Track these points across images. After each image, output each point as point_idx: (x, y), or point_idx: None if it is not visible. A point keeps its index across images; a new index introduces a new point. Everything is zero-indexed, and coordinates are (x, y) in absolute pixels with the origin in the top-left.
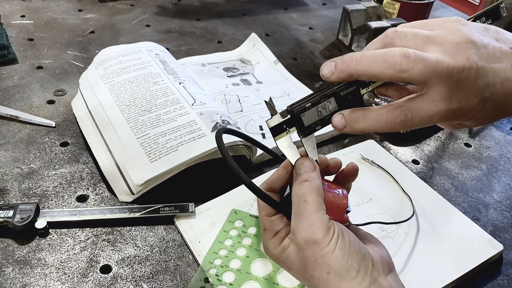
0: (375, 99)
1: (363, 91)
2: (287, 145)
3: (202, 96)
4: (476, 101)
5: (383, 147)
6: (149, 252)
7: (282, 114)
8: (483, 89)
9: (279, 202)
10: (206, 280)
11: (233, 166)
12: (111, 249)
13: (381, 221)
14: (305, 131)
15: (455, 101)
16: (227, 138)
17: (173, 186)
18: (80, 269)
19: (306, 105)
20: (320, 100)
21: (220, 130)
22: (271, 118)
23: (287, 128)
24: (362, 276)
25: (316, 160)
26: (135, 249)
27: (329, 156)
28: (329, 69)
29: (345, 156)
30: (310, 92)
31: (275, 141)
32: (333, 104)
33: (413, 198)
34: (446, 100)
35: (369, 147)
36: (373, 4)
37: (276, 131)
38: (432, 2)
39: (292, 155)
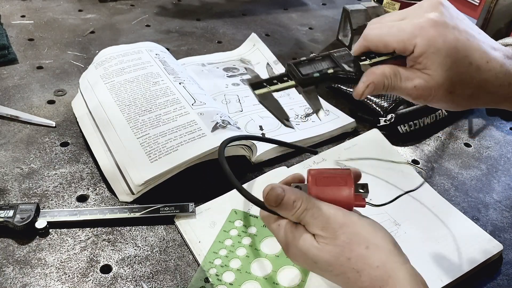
0: None
1: (363, 62)
2: (268, 98)
3: (202, 96)
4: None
5: (383, 146)
6: (149, 252)
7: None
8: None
9: None
10: (206, 280)
11: (239, 187)
12: (111, 249)
13: (395, 197)
14: (303, 82)
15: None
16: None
17: (173, 186)
18: (80, 269)
19: (302, 59)
20: (316, 58)
21: (224, 142)
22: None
23: (267, 85)
24: (398, 250)
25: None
26: (135, 249)
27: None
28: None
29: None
30: None
31: (254, 93)
32: (329, 63)
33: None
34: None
35: (369, 147)
36: (373, 4)
37: (255, 86)
38: None
39: (274, 108)
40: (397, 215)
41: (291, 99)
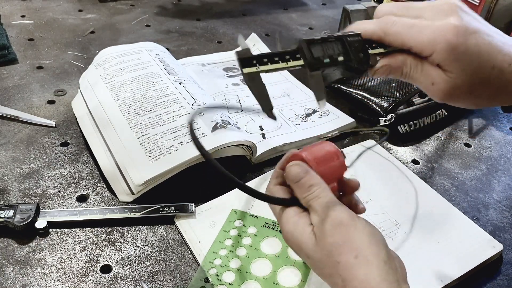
0: None
1: (371, 51)
2: (256, 81)
3: (202, 96)
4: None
5: (383, 147)
6: (149, 252)
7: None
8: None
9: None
10: (206, 280)
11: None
12: (111, 249)
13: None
14: (312, 65)
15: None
16: (227, 138)
17: (173, 186)
18: (80, 269)
19: (315, 38)
20: (329, 39)
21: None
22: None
23: (257, 64)
24: (388, 268)
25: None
26: (135, 249)
27: None
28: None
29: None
30: (310, 92)
31: (242, 70)
32: (340, 48)
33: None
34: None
35: (369, 146)
36: (373, 4)
37: (245, 62)
38: None
39: (260, 94)
40: (397, 215)
41: (291, 99)
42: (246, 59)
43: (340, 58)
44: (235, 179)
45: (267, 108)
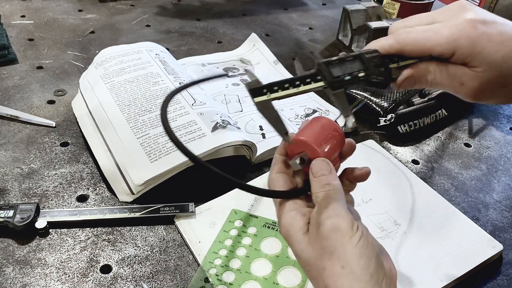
0: None
1: (392, 65)
2: (268, 108)
3: (202, 96)
4: None
5: (383, 147)
6: (149, 252)
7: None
8: None
9: (288, 191)
10: (206, 280)
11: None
12: (111, 249)
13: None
14: (334, 83)
15: None
16: (227, 138)
17: (173, 186)
18: (80, 269)
19: (333, 59)
20: (346, 58)
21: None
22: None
23: (268, 92)
24: (374, 283)
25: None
26: (135, 249)
27: None
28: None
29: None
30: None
31: (253, 100)
32: (359, 65)
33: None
34: None
35: (369, 147)
36: (373, 4)
37: (255, 92)
38: (432, 2)
39: (274, 120)
40: (397, 215)
41: (291, 99)
42: (255, 89)
43: (361, 74)
44: (221, 172)
45: (282, 132)
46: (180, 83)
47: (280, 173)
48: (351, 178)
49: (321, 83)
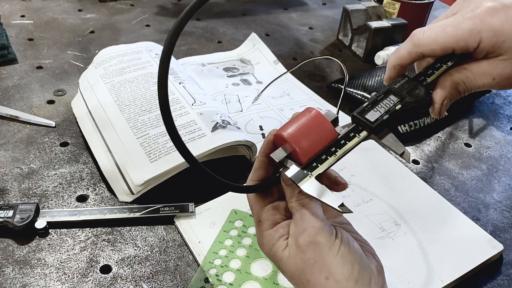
0: None
1: (429, 79)
2: (316, 188)
3: (202, 96)
4: None
5: (383, 147)
6: (149, 252)
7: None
8: None
9: (263, 184)
10: (206, 280)
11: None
12: (111, 249)
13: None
14: (376, 129)
15: None
16: (227, 138)
17: (173, 186)
18: (80, 269)
19: (365, 105)
20: (377, 98)
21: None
22: (288, 168)
23: (309, 172)
24: (360, 287)
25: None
26: (135, 249)
27: None
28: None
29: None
30: (310, 92)
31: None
32: (393, 98)
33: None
34: None
35: (369, 147)
36: (373, 4)
37: (298, 178)
38: (432, 2)
39: (328, 199)
40: (397, 215)
41: (291, 99)
42: (296, 175)
43: (398, 107)
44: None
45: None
46: (180, 83)
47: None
48: (331, 181)
49: (364, 133)
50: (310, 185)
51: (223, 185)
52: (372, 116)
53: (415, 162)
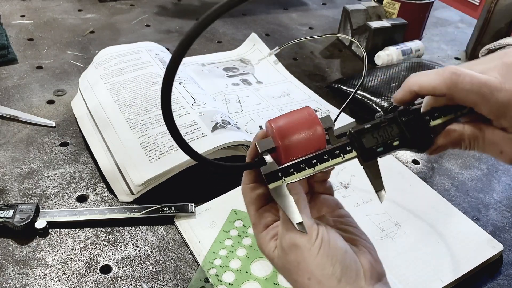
0: None
1: (433, 123)
2: (282, 196)
3: (202, 96)
4: None
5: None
6: (149, 252)
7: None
8: None
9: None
10: (206, 280)
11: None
12: (111, 249)
13: None
14: (366, 156)
15: None
16: (227, 138)
17: (173, 186)
18: (80, 269)
19: (366, 127)
20: (381, 124)
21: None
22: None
23: (283, 177)
24: (344, 285)
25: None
26: (135, 249)
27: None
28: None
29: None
30: (310, 92)
31: (268, 186)
32: (395, 131)
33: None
34: None
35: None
36: (373, 4)
37: (270, 177)
38: (432, 2)
39: (289, 208)
40: (397, 215)
41: (291, 99)
42: (270, 174)
43: (396, 143)
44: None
45: (294, 222)
46: (180, 83)
47: (254, 184)
48: (319, 185)
49: (350, 155)
50: (280, 190)
51: (210, 165)
52: (368, 142)
53: (415, 162)
